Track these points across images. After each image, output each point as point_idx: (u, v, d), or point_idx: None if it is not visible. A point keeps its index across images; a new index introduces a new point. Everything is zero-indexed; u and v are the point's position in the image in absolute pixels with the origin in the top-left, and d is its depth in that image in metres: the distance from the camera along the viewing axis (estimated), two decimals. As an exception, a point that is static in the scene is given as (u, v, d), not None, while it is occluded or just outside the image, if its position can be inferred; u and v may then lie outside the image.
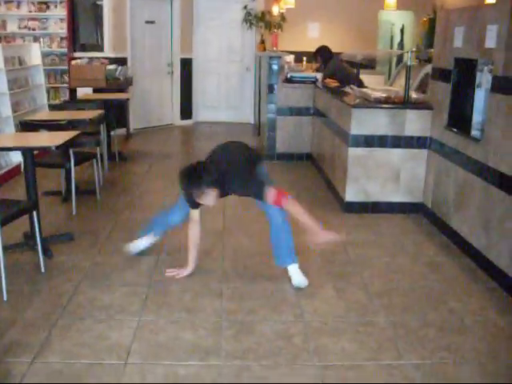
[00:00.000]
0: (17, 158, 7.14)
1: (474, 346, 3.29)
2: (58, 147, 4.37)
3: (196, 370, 3.00)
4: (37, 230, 4.22)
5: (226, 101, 11.64)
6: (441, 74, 5.21)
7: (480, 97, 4.54)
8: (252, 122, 11.46)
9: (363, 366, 3.07)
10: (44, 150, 5.56)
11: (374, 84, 7.81)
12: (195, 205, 3.94)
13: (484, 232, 4.34)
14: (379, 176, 5.59)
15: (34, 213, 4.18)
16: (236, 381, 2.91)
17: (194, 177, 3.69)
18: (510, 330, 3.49)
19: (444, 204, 5.11)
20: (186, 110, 11.28)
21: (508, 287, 3.98)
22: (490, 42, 4.28)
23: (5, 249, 3.80)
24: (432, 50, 7.32)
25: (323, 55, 8.12)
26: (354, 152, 5.54)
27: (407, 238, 5.03)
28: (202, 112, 11.59)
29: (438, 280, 4.19)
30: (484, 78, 4.47)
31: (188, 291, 3.90)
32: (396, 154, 5.52)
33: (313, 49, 8.29)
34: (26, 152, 4.43)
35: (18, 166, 7.09)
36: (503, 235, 4.07)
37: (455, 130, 4.88)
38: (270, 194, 3.71)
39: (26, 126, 5.56)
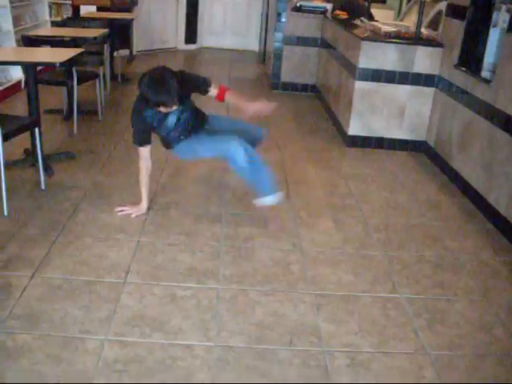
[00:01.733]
0: (17, 73, 7.03)
1: (466, 284, 3.34)
2: (62, 64, 4.29)
3: (193, 292, 3.04)
4: (38, 146, 4.20)
5: (232, 27, 11.42)
6: (455, 11, 5.09)
7: (494, 37, 4.45)
8: (257, 49, 11.27)
9: (358, 296, 3.12)
10: (47, 66, 5.47)
11: (383, 19, 7.64)
12: (148, 139, 3.78)
13: (485, 174, 4.34)
14: (384, 112, 5.54)
15: (36, 129, 4.15)
16: (232, 304, 2.96)
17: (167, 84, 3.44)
18: (503, 271, 3.54)
19: (447, 144, 5.09)
20: (191, 35, 11.08)
21: (504, 229, 4.00)
22: (510, -21, 4.17)
23: (5, 165, 3.78)
24: (447, -15, 7.15)
25: (335, -15, 7.92)
26: (360, 86, 5.47)
27: (408, 175, 5.04)
28: (207, 38, 11.40)
29: (435, 218, 4.22)
30: (501, 18, 4.37)
31: (187, 215, 3.92)
32: (403, 90, 5.46)
33: (324, -22, 8.07)
34: (29, 67, 4.36)
35: (18, 83, 7.00)
36: (504, 178, 4.06)
37: (465, 69, 4.80)
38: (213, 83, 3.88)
39: (29, 41, 5.45)
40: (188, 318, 2.82)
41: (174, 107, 3.59)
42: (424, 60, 5.35)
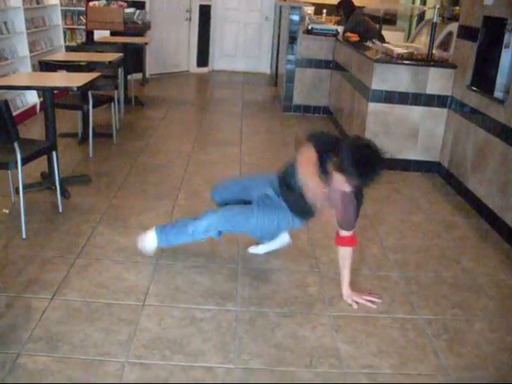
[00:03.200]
0: (32, 98, 7.13)
1: (485, 305, 3.33)
2: (79, 88, 4.35)
3: (212, 314, 3.05)
4: (56, 170, 4.24)
5: (243, 50, 11.50)
6: (467, 32, 5.13)
7: (507, 57, 4.48)
8: (268, 72, 11.35)
9: (376, 318, 3.11)
10: (61, 91, 5.54)
11: (393, 40, 7.71)
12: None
13: (500, 194, 4.33)
14: (397, 133, 5.56)
15: (54, 153, 4.20)
16: (251, 326, 2.96)
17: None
18: (522, 291, 3.52)
19: (461, 164, 5.09)
20: (203, 58, 11.16)
21: (522, 249, 3.99)
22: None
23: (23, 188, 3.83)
24: (457, 7, 7.22)
25: (346, 8, 8.00)
26: (373, 107, 5.50)
27: (422, 196, 5.04)
28: (219, 60, 11.48)
29: (452, 239, 4.21)
30: (512, 38, 4.40)
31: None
32: (416, 111, 5.48)
33: (333, 1, 8.15)
34: (47, 92, 4.42)
35: (33, 107, 7.09)
36: (521, 198, 4.06)
37: (478, 89, 4.82)
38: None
39: (45, 66, 5.52)
40: (208, 340, 2.82)
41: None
42: (437, 81, 5.38)
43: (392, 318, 3.13)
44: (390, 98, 5.43)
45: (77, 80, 4.53)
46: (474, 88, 4.88)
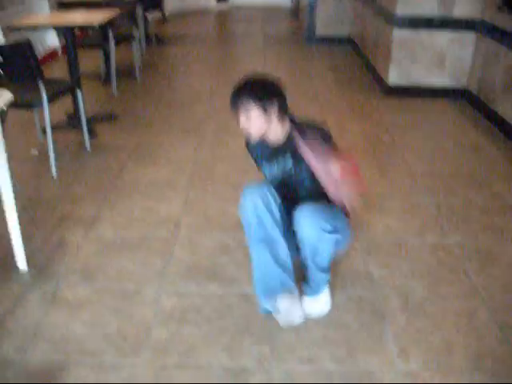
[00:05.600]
0: (53, 41, 7.09)
1: (517, 227, 3.32)
2: (101, 26, 4.30)
3: (244, 241, 3.07)
4: (81, 109, 4.24)
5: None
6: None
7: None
8: (289, 5, 11.12)
9: (408, 242, 3.12)
10: (85, 31, 5.49)
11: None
12: None
13: (532, 116, 4.25)
14: (424, 59, 5.44)
15: (79, 91, 4.20)
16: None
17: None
18: (555, 213, 3.49)
19: (490, 89, 4.98)
20: (223, -7, 10.98)
21: (554, 171, 3.94)
22: None
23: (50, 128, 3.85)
24: None
25: None
26: (398, 33, 5.37)
27: (450, 123, 4.97)
28: (239, -5, 11.27)
29: (481, 164, 4.17)
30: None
31: (233, 169, 3.94)
32: (443, 36, 5.34)
33: None
34: (68, 30, 4.38)
35: (54, 51, 7.06)
36: (552, 119, 3.98)
37: (509, 11, 4.67)
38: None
39: (63, 6, 5.46)
40: (241, 267, 2.86)
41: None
42: (465, 3, 5.21)
43: (424, 241, 3.13)
44: (416, 23, 5.29)
45: (96, 18, 4.48)
46: (506, 10, 4.72)
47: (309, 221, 2.25)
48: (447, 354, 2.32)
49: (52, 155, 3.81)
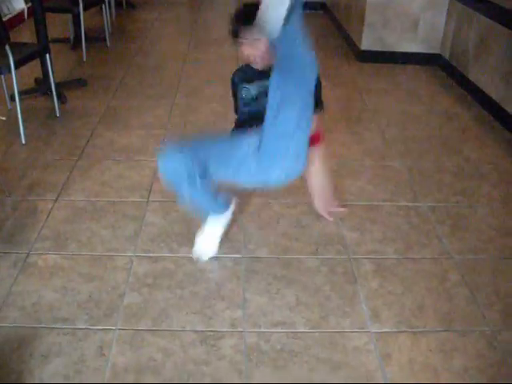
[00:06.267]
0: (19, 4, 6.89)
1: (487, 192, 3.35)
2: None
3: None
4: (50, 73, 4.15)
5: None
6: None
7: None
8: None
9: (380, 206, 3.14)
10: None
11: None
12: None
13: (503, 83, 4.26)
14: (397, 25, 5.41)
15: (47, 56, 4.10)
16: (256, 217, 2.99)
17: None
18: (524, 177, 3.54)
19: (463, 55, 4.98)
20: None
21: (524, 136, 3.97)
22: None
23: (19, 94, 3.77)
24: None
25: None
26: (372, -2, 5.33)
27: (423, 89, 4.97)
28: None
29: (453, 129, 4.19)
30: None
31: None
32: (416, 1, 5.31)
33: None
34: (35, -8, 4.26)
35: (21, 14, 6.87)
36: (524, 84, 4.00)
37: (481, -26, 4.66)
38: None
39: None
40: (214, 232, 2.85)
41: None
42: (438, -32, 5.19)
43: (396, 205, 3.15)
44: (390, -13, 5.26)
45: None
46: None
47: None
48: (418, 316, 2.35)
49: (21, 121, 3.74)
